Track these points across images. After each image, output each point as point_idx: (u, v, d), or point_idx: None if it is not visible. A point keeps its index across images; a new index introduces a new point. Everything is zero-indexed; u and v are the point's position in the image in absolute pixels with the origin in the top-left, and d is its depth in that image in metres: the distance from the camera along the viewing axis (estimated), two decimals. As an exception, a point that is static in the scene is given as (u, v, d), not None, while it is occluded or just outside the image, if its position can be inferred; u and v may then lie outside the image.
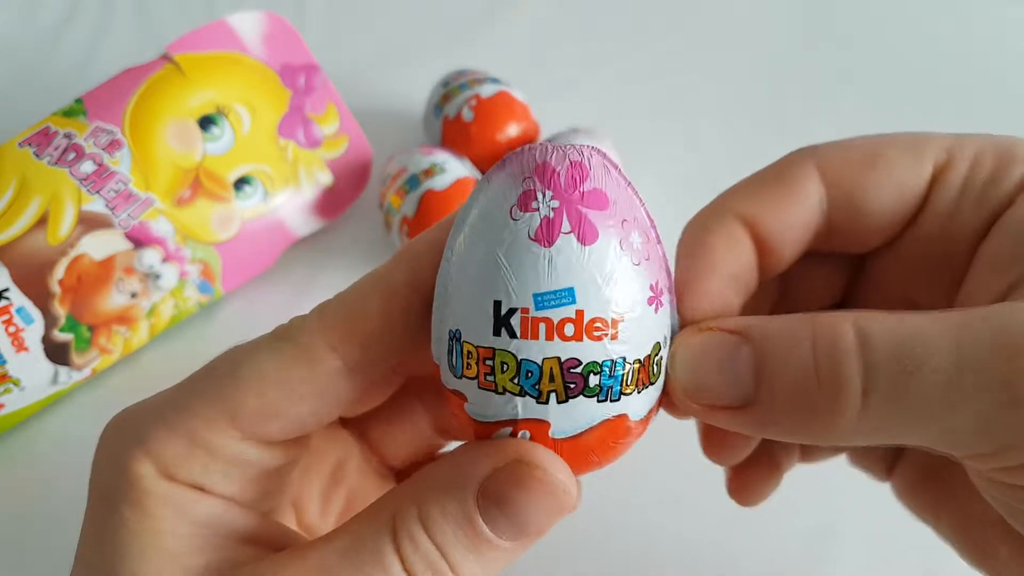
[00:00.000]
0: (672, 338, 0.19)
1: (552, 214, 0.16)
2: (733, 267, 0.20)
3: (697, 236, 0.21)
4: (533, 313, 0.16)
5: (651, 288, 0.17)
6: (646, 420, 0.19)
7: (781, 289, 0.24)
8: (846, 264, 0.23)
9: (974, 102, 0.49)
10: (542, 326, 0.16)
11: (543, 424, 0.17)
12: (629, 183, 0.18)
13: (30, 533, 0.33)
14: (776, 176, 0.20)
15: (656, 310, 0.18)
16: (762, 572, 0.32)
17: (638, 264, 0.17)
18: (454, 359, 0.18)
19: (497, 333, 0.17)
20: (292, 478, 0.22)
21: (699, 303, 0.20)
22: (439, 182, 0.38)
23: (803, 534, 0.32)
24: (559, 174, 0.17)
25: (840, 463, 0.32)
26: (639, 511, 0.33)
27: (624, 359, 0.17)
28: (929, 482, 0.23)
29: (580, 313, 0.16)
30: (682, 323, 0.19)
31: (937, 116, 0.48)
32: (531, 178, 0.17)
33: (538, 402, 0.17)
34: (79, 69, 0.51)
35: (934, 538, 0.24)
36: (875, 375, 0.16)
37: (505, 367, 0.17)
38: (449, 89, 0.43)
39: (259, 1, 0.45)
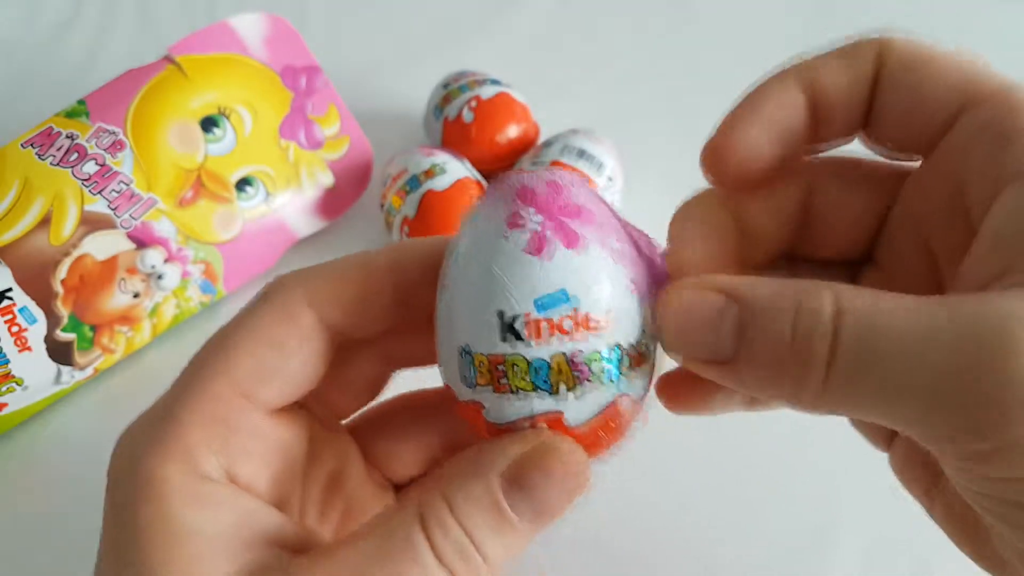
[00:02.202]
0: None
1: (539, 228, 0.19)
2: (777, 116, 0.21)
3: (751, 90, 0.21)
4: (535, 316, 0.18)
5: (632, 281, 0.19)
6: (644, 399, 0.20)
7: (808, 215, 0.23)
8: (876, 198, 0.23)
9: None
10: (544, 326, 0.18)
11: (558, 415, 0.19)
12: (600, 197, 0.20)
13: (32, 532, 0.34)
14: (841, 50, 0.21)
15: (639, 301, 0.19)
16: (759, 570, 0.32)
17: (617, 263, 0.19)
18: (467, 372, 0.19)
19: (504, 339, 0.18)
20: (299, 469, 0.23)
21: (735, 147, 0.21)
22: (439, 183, 0.38)
23: (799, 534, 0.32)
24: (539, 193, 0.19)
25: (840, 462, 0.33)
26: (636, 509, 0.33)
27: (619, 345, 0.19)
28: (922, 459, 0.23)
29: (576, 311, 0.18)
30: (708, 171, 0.21)
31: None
32: (515, 200, 0.19)
33: (551, 394, 0.19)
34: (81, 70, 0.51)
35: (928, 541, 0.24)
36: (840, 351, 0.17)
37: (516, 369, 0.18)
38: (449, 90, 0.43)
39: (261, 3, 0.45)
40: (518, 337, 0.18)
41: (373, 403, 0.26)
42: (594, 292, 0.18)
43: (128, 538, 0.18)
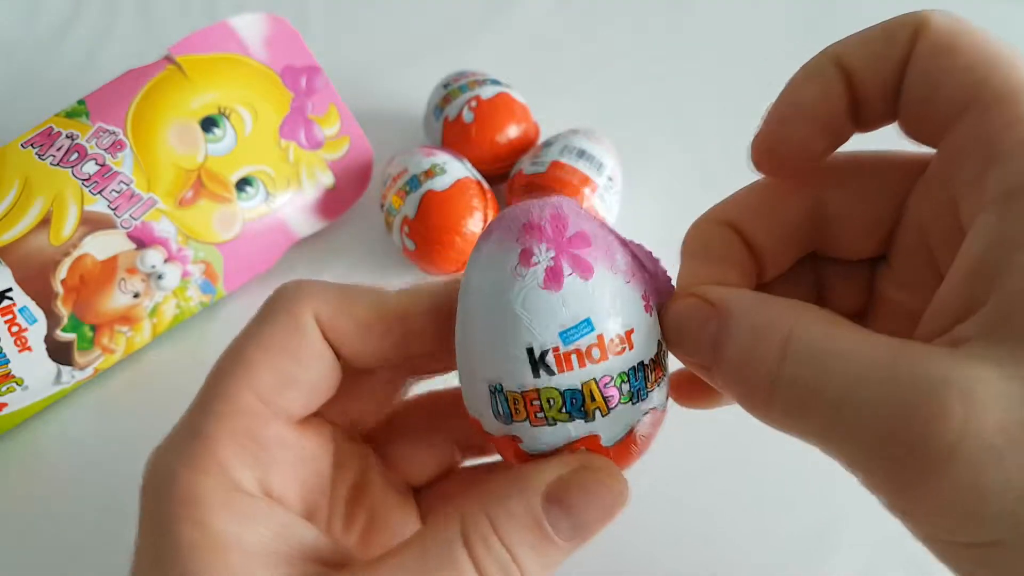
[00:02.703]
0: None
1: (552, 263, 0.19)
2: (821, 107, 0.21)
3: (791, 82, 0.21)
4: (563, 349, 0.19)
5: (643, 298, 0.20)
6: (665, 407, 0.21)
7: (821, 221, 0.23)
8: (887, 200, 0.23)
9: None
10: (574, 357, 0.19)
11: (594, 438, 0.19)
12: (597, 217, 0.21)
13: (32, 532, 0.34)
14: (880, 28, 0.20)
15: (651, 314, 0.20)
16: (759, 571, 0.32)
17: (629, 282, 0.20)
18: (500, 409, 0.20)
19: (536, 375, 0.19)
20: (327, 481, 0.23)
21: (781, 146, 0.21)
22: (439, 183, 0.38)
23: (801, 534, 0.32)
24: (545, 228, 0.19)
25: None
26: (636, 508, 0.33)
27: (641, 362, 0.19)
28: None
29: (600, 337, 0.19)
30: (762, 166, 0.22)
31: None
32: (524, 237, 0.19)
33: (586, 421, 0.19)
34: (81, 70, 0.51)
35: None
36: (782, 379, 0.18)
37: (552, 402, 0.19)
38: (449, 91, 0.43)
39: (261, 3, 0.45)
40: (549, 371, 0.19)
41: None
42: (614, 316, 0.19)
43: (169, 552, 0.19)
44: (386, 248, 0.42)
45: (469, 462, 0.28)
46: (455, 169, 0.39)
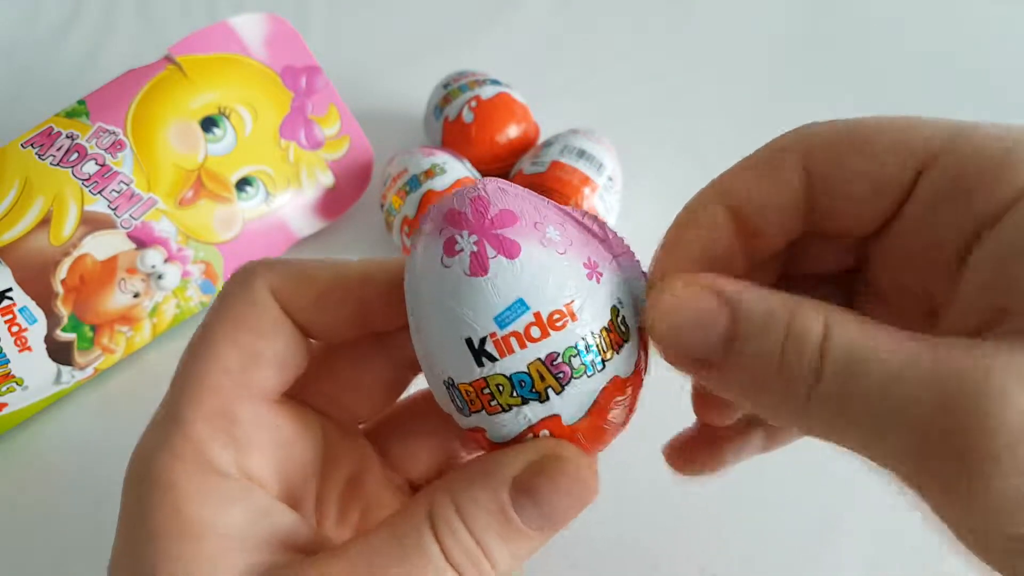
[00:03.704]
0: (641, 293, 0.21)
1: (476, 248, 0.19)
2: (711, 253, 0.21)
3: (677, 227, 0.21)
4: (501, 334, 0.18)
5: (585, 266, 0.19)
6: (638, 372, 0.20)
7: (791, 257, 0.23)
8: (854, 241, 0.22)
9: (971, 100, 0.49)
10: (513, 340, 0.18)
11: (555, 418, 0.19)
12: (529, 192, 0.20)
13: (32, 532, 0.34)
14: (760, 161, 0.21)
15: (598, 281, 0.19)
16: (759, 570, 0.32)
17: (563, 252, 0.19)
18: (459, 403, 0.20)
19: (480, 364, 0.19)
20: (311, 468, 0.23)
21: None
22: (440, 183, 0.38)
23: (801, 529, 0.32)
24: (466, 213, 0.19)
25: (840, 461, 0.33)
26: (636, 504, 0.33)
27: (591, 332, 0.19)
28: None
29: (537, 315, 0.18)
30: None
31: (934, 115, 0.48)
32: (446, 227, 0.19)
33: (541, 402, 0.19)
34: (81, 70, 0.51)
35: (932, 538, 0.24)
36: (824, 377, 0.17)
37: (501, 388, 0.19)
38: (449, 91, 0.43)
39: (261, 3, 0.45)
40: (491, 358, 0.18)
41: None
42: (548, 291, 0.18)
43: (143, 539, 0.19)
44: (386, 248, 0.42)
45: (473, 455, 0.28)
46: (455, 169, 0.39)
